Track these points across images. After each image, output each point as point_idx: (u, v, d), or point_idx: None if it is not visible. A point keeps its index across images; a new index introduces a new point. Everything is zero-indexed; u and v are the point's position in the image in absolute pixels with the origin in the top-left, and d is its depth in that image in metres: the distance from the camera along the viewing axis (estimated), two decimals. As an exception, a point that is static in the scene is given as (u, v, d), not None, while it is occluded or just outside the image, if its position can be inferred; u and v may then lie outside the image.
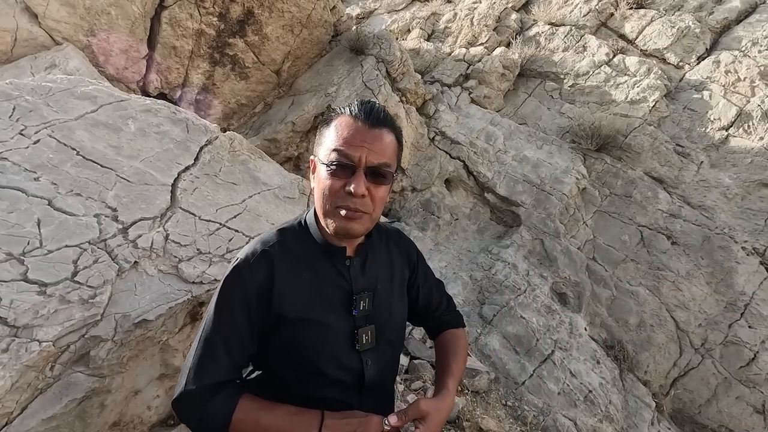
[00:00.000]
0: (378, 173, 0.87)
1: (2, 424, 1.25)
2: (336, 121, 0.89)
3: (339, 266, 0.96)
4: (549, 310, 3.77)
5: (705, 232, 4.14)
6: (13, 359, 1.26)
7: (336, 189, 0.86)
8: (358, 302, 0.94)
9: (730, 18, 5.45)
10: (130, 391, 1.69)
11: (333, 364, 0.92)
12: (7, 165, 1.71)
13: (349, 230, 0.88)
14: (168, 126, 2.38)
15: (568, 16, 6.16)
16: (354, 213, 0.86)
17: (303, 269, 0.93)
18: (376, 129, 0.87)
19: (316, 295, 0.92)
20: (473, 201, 4.87)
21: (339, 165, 0.85)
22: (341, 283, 0.95)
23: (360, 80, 4.89)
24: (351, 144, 0.85)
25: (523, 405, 3.11)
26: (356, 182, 0.84)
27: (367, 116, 0.87)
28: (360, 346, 0.93)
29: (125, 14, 4.04)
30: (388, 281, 1.04)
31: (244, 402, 0.87)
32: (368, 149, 0.85)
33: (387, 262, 1.06)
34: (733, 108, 4.72)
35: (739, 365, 3.57)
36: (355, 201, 0.85)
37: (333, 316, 0.92)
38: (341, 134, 0.86)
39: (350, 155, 0.85)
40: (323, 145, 0.90)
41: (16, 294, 1.37)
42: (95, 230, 1.68)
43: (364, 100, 0.92)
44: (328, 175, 0.86)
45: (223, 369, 0.88)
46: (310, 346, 0.90)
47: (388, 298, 1.02)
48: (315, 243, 0.96)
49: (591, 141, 4.83)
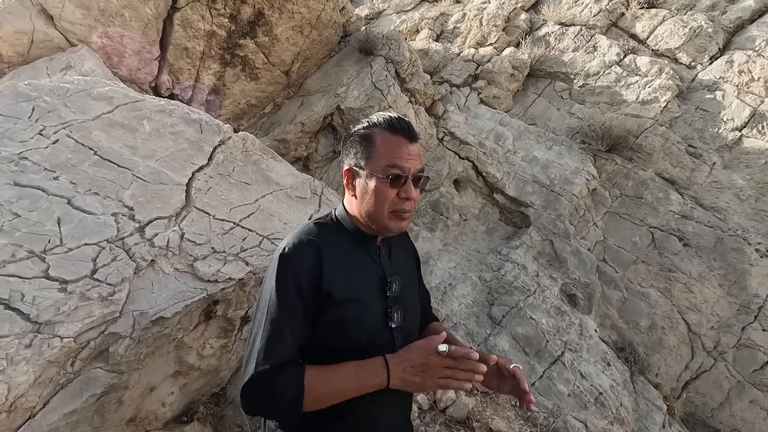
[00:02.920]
0: (419, 179, 1.06)
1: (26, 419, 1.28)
2: (379, 137, 1.03)
3: (371, 254, 1.11)
4: (559, 311, 3.75)
5: (718, 233, 4.09)
6: (35, 355, 1.29)
7: (392, 197, 1.02)
8: (391, 284, 1.09)
9: (743, 17, 5.39)
10: (146, 387, 1.71)
11: (369, 340, 1.03)
12: (27, 165, 1.75)
13: (402, 229, 1.06)
14: (182, 126, 2.41)
15: (578, 15, 6.13)
16: (407, 214, 1.05)
17: (343, 256, 1.06)
18: (414, 143, 1.05)
19: (356, 278, 1.05)
20: (482, 201, 4.86)
21: (394, 177, 1.01)
22: (374, 269, 1.10)
23: (369, 81, 4.90)
24: (402, 158, 1.02)
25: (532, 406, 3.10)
26: (410, 190, 1.03)
27: (406, 132, 1.03)
28: (393, 323, 1.07)
29: (138, 16, 4.10)
30: (407, 271, 1.20)
31: (309, 370, 0.94)
32: (413, 161, 1.03)
33: (404, 255, 1.23)
34: (746, 108, 4.66)
35: (752, 369, 3.53)
36: (408, 204, 1.03)
37: (370, 297, 1.06)
38: (391, 151, 1.02)
39: (403, 167, 1.01)
40: (373, 159, 1.03)
41: (38, 291, 1.39)
42: (113, 229, 1.71)
43: (395, 116, 1.06)
44: (386, 186, 1.01)
45: (289, 348, 0.96)
46: (352, 323, 1.02)
47: (409, 284, 1.18)
48: (348, 234, 1.10)
49: (601, 142, 4.80)
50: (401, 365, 0.93)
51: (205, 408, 2.13)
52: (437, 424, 2.70)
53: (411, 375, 0.93)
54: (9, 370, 1.24)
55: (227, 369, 2.11)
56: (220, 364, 2.01)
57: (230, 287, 1.82)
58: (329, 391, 0.93)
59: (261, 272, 1.98)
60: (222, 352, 1.99)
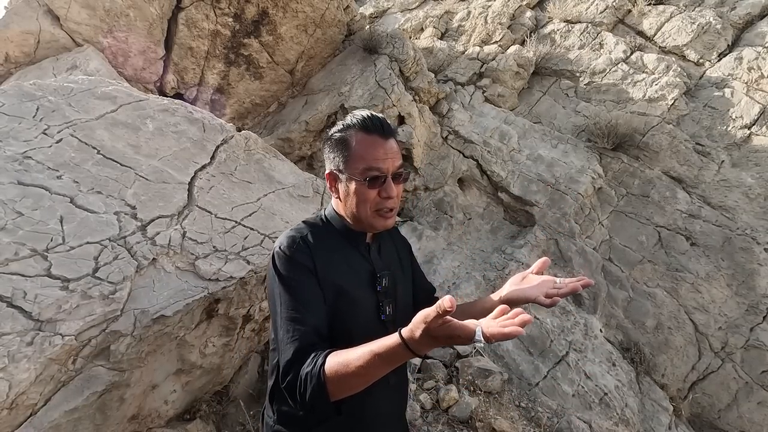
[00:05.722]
0: (399, 175, 1.05)
1: (27, 416, 1.28)
2: (354, 139, 1.03)
3: (361, 251, 1.13)
4: (563, 311, 3.72)
5: (726, 233, 4.04)
6: (37, 352, 1.30)
7: (373, 197, 1.03)
8: (381, 279, 1.11)
9: (753, 13, 5.30)
10: (148, 385, 1.72)
11: (362, 334, 1.00)
12: (31, 163, 1.76)
13: (387, 226, 1.08)
14: (185, 125, 2.41)
15: (584, 13, 6.06)
16: (390, 212, 1.06)
17: (333, 254, 1.08)
18: (390, 139, 1.04)
19: (347, 274, 1.08)
20: (486, 200, 4.83)
21: (372, 178, 1.02)
22: (364, 265, 1.12)
23: (373, 79, 4.89)
24: (378, 158, 1.02)
25: (536, 406, 3.08)
26: (390, 188, 1.03)
27: (380, 130, 1.03)
28: (385, 316, 1.09)
29: (143, 16, 4.12)
30: (398, 266, 1.22)
31: (330, 356, 0.92)
32: (390, 159, 1.03)
33: (393, 250, 1.24)
34: (756, 106, 4.59)
35: (761, 370, 3.48)
36: (390, 202, 1.04)
37: (362, 292, 1.08)
38: (367, 152, 1.02)
39: (381, 168, 1.01)
40: (351, 162, 1.03)
41: (40, 289, 1.40)
42: (115, 227, 1.72)
43: (368, 114, 1.05)
44: (365, 188, 1.02)
45: (310, 335, 0.96)
46: (346, 317, 1.04)
47: (400, 278, 1.20)
48: (338, 233, 1.12)
49: (607, 140, 4.75)
50: (416, 329, 0.82)
51: (208, 406, 2.13)
52: (440, 424, 2.69)
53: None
54: (11, 368, 1.25)
55: (230, 367, 2.12)
56: (222, 362, 2.02)
57: (231, 286, 1.82)
58: (347, 370, 0.87)
59: (262, 271, 1.98)
60: (224, 350, 1.99)
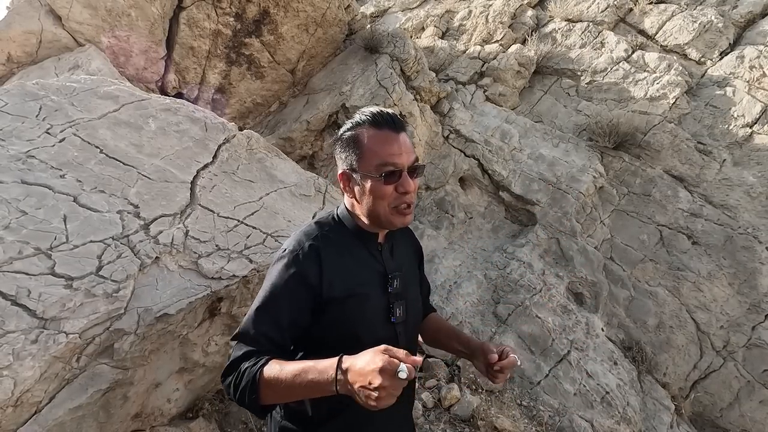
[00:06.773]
0: (415, 170, 1.03)
1: (32, 413, 1.29)
2: (365, 136, 1.01)
3: (372, 251, 1.11)
4: (565, 309, 3.72)
5: (727, 231, 4.03)
6: (41, 350, 1.31)
7: (390, 193, 1.00)
8: (392, 281, 1.09)
9: (755, 11, 5.29)
10: (151, 383, 1.72)
11: (372, 336, 1.01)
12: (34, 163, 1.77)
13: (406, 223, 1.05)
14: (187, 124, 2.42)
15: (586, 11, 6.06)
16: (408, 208, 1.03)
17: (344, 254, 1.06)
18: (401, 133, 1.02)
19: (358, 275, 1.06)
20: (488, 199, 4.83)
21: (388, 174, 0.99)
22: (376, 266, 1.10)
23: (374, 79, 4.89)
24: (393, 153, 0.99)
25: (538, 405, 3.09)
26: (407, 183, 1.00)
27: (391, 124, 1.01)
28: (395, 318, 1.08)
29: (145, 16, 4.12)
30: (409, 266, 1.21)
31: (273, 361, 0.91)
32: (405, 153, 1.00)
33: (406, 250, 1.23)
34: (758, 104, 4.58)
35: (762, 369, 3.47)
36: (408, 197, 1.01)
37: (372, 293, 1.06)
38: (380, 147, 0.99)
39: (396, 163, 0.99)
40: (364, 160, 1.00)
41: (44, 287, 1.41)
42: (118, 226, 1.72)
43: (377, 110, 1.03)
44: (381, 184, 0.99)
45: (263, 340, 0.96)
46: (355, 319, 1.03)
47: (411, 280, 1.19)
48: (350, 233, 1.10)
49: (609, 139, 4.74)
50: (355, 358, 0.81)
51: (211, 405, 2.14)
52: (442, 423, 2.70)
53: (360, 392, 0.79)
54: (15, 366, 1.25)
55: (232, 366, 2.12)
56: (225, 361, 2.02)
57: (234, 284, 1.83)
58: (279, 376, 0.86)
59: (264, 269, 1.98)
60: (227, 349, 2.00)
